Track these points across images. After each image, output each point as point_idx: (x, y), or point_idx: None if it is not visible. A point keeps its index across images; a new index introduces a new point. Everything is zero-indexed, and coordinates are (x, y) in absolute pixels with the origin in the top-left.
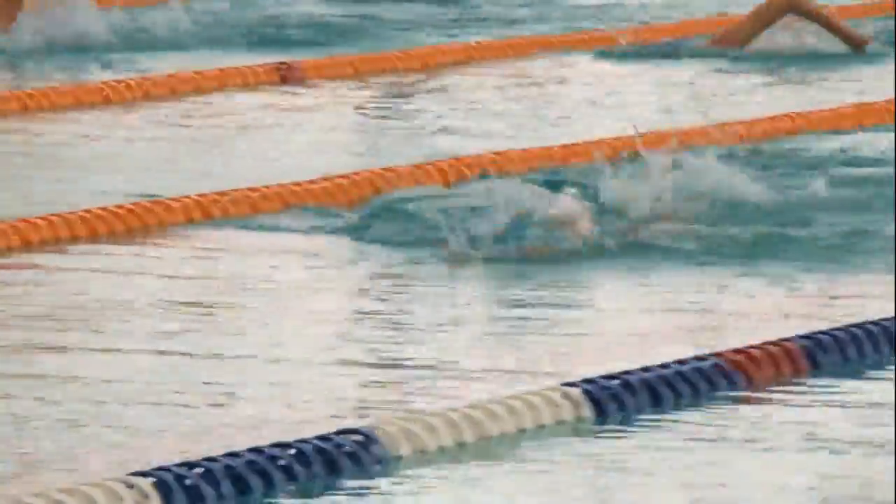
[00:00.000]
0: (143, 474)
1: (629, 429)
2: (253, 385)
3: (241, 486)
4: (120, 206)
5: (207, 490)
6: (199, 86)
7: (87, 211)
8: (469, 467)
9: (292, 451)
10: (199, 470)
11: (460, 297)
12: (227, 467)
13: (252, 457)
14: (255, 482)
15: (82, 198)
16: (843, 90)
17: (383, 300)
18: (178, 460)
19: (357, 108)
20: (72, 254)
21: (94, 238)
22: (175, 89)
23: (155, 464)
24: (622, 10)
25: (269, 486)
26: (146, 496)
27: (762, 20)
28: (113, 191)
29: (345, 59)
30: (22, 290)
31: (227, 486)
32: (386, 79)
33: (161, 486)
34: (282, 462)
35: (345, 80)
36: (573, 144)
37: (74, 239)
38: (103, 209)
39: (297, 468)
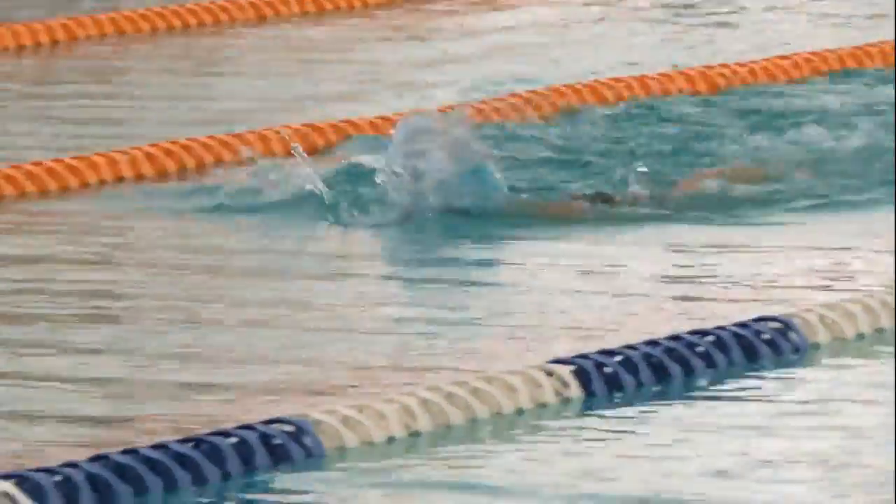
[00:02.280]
0: (563, 362)
1: None
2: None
3: (660, 373)
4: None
5: (626, 378)
6: None
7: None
8: (885, 353)
9: (711, 339)
10: (618, 358)
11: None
12: (646, 355)
13: (671, 344)
14: (674, 369)
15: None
16: None
17: None
18: (597, 349)
19: None
20: None
21: None
22: None
23: (575, 352)
24: None
25: (688, 373)
26: (566, 384)
27: None
28: None
29: None
30: None
31: (645, 374)
32: None
33: (581, 373)
34: (700, 349)
35: None
36: None
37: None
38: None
39: (716, 355)
